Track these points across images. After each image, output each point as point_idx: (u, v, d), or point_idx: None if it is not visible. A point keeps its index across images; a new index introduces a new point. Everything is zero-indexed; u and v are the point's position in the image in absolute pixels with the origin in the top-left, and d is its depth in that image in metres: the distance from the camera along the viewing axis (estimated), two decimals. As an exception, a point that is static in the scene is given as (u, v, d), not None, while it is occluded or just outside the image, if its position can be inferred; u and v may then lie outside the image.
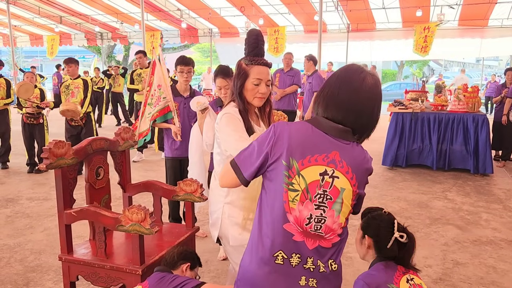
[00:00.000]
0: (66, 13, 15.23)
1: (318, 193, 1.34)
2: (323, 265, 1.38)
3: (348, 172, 1.35)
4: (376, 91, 1.38)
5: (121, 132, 2.69)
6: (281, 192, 1.35)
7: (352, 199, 1.38)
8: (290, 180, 1.34)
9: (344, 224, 1.40)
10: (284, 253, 1.37)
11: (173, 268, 2.03)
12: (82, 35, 17.78)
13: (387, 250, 1.84)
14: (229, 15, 14.38)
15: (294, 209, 1.35)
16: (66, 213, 2.23)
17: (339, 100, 1.36)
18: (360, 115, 1.36)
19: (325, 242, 1.38)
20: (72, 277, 2.29)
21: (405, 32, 14.43)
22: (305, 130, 1.37)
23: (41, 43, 18.52)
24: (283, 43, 15.02)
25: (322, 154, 1.34)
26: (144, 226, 2.07)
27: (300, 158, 1.33)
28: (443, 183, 5.66)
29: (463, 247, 3.62)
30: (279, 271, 1.37)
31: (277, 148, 1.36)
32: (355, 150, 1.38)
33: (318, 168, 1.34)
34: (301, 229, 1.36)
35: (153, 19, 15.10)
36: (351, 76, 1.38)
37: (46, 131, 6.17)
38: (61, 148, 2.20)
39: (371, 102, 1.37)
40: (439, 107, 6.47)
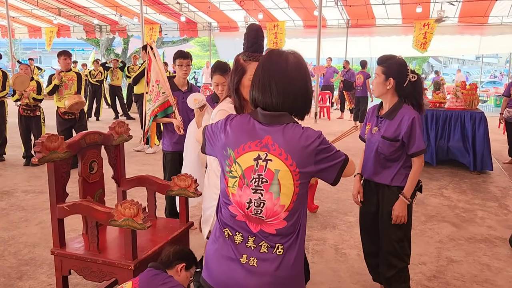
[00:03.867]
0: (65, 5, 15.16)
1: (253, 177, 1.39)
2: (267, 246, 1.41)
3: (281, 154, 1.38)
4: (301, 66, 1.43)
5: (116, 126, 2.67)
6: (224, 178, 1.45)
7: (294, 179, 1.38)
8: (230, 168, 1.43)
9: (290, 207, 1.39)
10: (229, 231, 1.45)
11: (168, 267, 2.01)
12: (81, 28, 17.74)
13: (404, 88, 2.35)
14: (228, 9, 14.34)
15: (235, 194, 1.42)
16: (59, 207, 2.22)
17: (273, 87, 1.41)
18: (296, 94, 1.42)
19: (267, 227, 1.40)
20: (64, 271, 2.29)
21: (405, 28, 14.40)
22: (243, 122, 1.45)
23: (40, 35, 18.48)
24: (283, 38, 15.00)
25: (255, 141, 1.40)
26: (137, 221, 2.06)
27: (236, 147, 1.41)
28: (440, 180, 5.66)
29: (457, 244, 3.62)
30: (225, 247, 1.45)
31: (220, 138, 1.46)
32: (289, 131, 1.40)
33: (252, 154, 1.40)
34: (243, 212, 1.42)
35: (152, 12, 15.04)
36: (274, 61, 1.43)
37: (43, 124, 6.15)
38: (54, 142, 2.19)
39: (301, 78, 1.43)
40: (437, 104, 6.46)
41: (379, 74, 2.38)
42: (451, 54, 27.97)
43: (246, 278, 1.40)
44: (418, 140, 2.35)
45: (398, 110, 2.39)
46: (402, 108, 2.40)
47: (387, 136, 2.40)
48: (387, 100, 2.44)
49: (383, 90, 2.39)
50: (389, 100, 2.43)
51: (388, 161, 2.45)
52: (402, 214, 2.39)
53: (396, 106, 2.41)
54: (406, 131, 2.34)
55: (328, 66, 13.51)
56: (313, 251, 3.43)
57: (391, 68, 2.37)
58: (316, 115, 11.18)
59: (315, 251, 3.43)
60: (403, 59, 2.41)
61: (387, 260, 2.51)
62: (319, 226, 3.96)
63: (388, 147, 2.40)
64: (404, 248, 2.51)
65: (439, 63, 40.92)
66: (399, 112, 2.39)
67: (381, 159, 2.46)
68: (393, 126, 2.39)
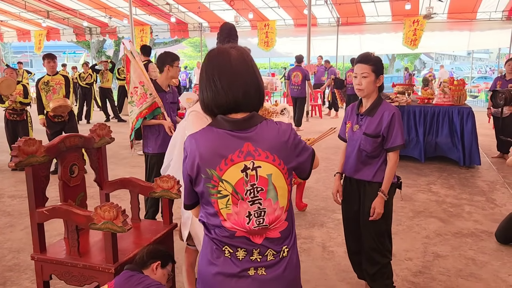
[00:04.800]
0: (54, 8, 15.04)
1: (247, 189, 1.32)
2: (273, 253, 1.38)
3: (268, 157, 1.33)
4: (246, 60, 1.37)
5: (97, 128, 2.66)
6: (210, 203, 1.35)
7: (285, 178, 1.36)
8: (216, 189, 1.33)
9: (287, 206, 1.39)
10: (229, 248, 1.37)
11: (144, 267, 2.01)
12: (71, 30, 17.60)
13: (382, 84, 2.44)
14: (218, 9, 14.30)
15: (230, 213, 1.34)
16: (38, 211, 2.21)
17: (220, 85, 1.34)
18: (245, 88, 1.35)
19: (272, 232, 1.38)
20: (45, 277, 2.27)
21: (395, 25, 14.45)
22: (210, 136, 1.35)
23: (29, 38, 18.29)
24: (273, 37, 15.00)
25: (236, 152, 1.31)
26: (117, 224, 2.05)
27: (216, 164, 1.31)
28: (429, 175, 5.69)
29: (444, 239, 3.64)
30: (228, 266, 1.37)
31: (194, 165, 1.34)
32: (266, 131, 1.35)
33: (237, 166, 1.31)
34: (243, 229, 1.35)
35: (142, 13, 14.97)
36: (218, 60, 1.36)
37: (30, 128, 6.11)
38: (32, 146, 2.17)
39: (247, 72, 1.36)
40: (425, 100, 6.49)
41: (369, 73, 2.37)
42: (441, 50, 28.10)
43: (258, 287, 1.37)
44: (396, 135, 2.37)
45: (379, 106, 2.42)
46: (382, 104, 2.43)
47: (369, 132, 2.41)
48: (370, 98, 2.44)
49: (373, 88, 2.40)
50: (373, 97, 2.44)
51: (369, 158, 2.46)
52: (382, 211, 2.40)
53: (376, 102, 2.43)
54: (386, 125, 2.37)
55: (319, 65, 13.53)
56: (301, 250, 3.43)
57: (378, 65, 2.39)
58: (308, 114, 11.19)
59: (302, 250, 3.43)
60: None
61: (370, 256, 2.52)
62: (307, 225, 3.97)
63: (370, 144, 2.42)
64: (385, 244, 2.53)
65: (431, 59, 41.13)
66: (379, 108, 2.42)
67: (363, 156, 2.47)
68: (374, 123, 2.40)
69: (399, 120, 2.41)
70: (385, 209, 2.43)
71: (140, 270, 2.01)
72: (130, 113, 3.41)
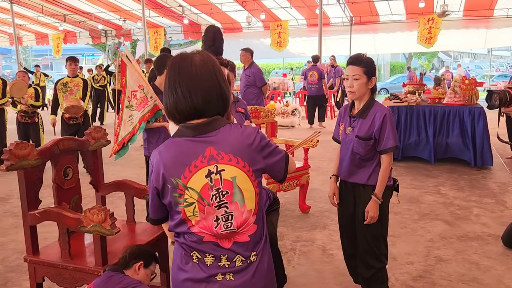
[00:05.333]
0: (70, 12, 15.32)
1: (212, 194, 1.33)
2: (241, 259, 1.37)
3: (231, 159, 1.33)
4: (208, 65, 1.37)
5: (92, 131, 2.68)
6: (177, 212, 1.36)
7: (251, 181, 1.36)
8: (182, 198, 1.33)
9: (256, 209, 1.38)
10: (197, 253, 1.37)
11: (126, 268, 2.01)
12: (87, 33, 17.92)
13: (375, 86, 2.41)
14: (230, 10, 14.34)
15: (199, 220, 1.34)
16: (30, 214, 2.24)
17: (181, 91, 1.34)
18: (207, 93, 1.34)
19: (240, 236, 1.37)
20: (38, 278, 2.30)
21: (409, 24, 14.27)
22: (172, 146, 1.36)
23: (47, 42, 18.69)
24: (286, 37, 14.96)
25: (199, 157, 1.32)
26: (105, 226, 2.07)
27: (180, 173, 1.32)
28: (438, 177, 5.57)
29: (448, 243, 3.56)
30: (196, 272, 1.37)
31: (159, 177, 1.35)
32: (229, 134, 1.35)
33: (201, 172, 1.32)
34: (211, 233, 1.35)
35: (155, 15, 15.14)
36: (179, 66, 1.36)
37: (41, 130, 6.23)
38: (24, 149, 2.20)
39: (209, 77, 1.35)
40: (436, 100, 6.36)
41: (361, 75, 2.31)
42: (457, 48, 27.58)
43: None
44: (388, 137, 2.32)
45: (371, 108, 2.37)
46: (374, 105, 2.38)
47: (361, 135, 2.37)
48: (363, 99, 2.39)
49: (366, 90, 2.35)
50: (365, 99, 2.39)
51: (363, 160, 2.41)
52: (375, 215, 2.35)
53: (368, 104, 2.38)
54: (378, 127, 2.32)
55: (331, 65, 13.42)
56: (300, 252, 3.40)
57: (370, 67, 2.35)
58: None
59: (301, 252, 3.40)
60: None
61: (365, 260, 2.48)
62: (309, 227, 3.93)
63: (363, 147, 2.37)
64: (381, 248, 2.47)
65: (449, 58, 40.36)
66: (371, 110, 2.37)
67: (357, 159, 2.43)
68: (367, 125, 2.35)
69: (392, 121, 2.36)
70: (380, 212, 2.38)
71: (122, 270, 2.01)
72: (129, 117, 3.42)
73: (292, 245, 3.54)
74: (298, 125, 10.02)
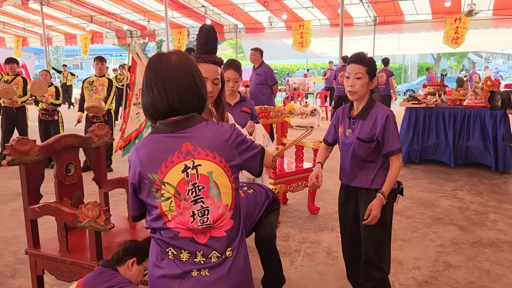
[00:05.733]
0: (96, 12, 15.68)
1: (188, 189, 1.34)
2: (217, 255, 1.38)
3: (207, 155, 1.34)
4: (183, 64, 1.38)
5: (95, 129, 2.73)
6: (155, 207, 1.37)
7: (228, 176, 1.37)
8: (159, 193, 1.35)
9: (232, 205, 1.39)
10: (173, 250, 1.38)
11: (119, 264, 2.02)
12: (113, 34, 18.29)
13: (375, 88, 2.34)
14: (252, 11, 14.36)
15: (175, 215, 1.35)
16: (31, 208, 2.29)
17: (156, 90, 1.36)
18: (183, 93, 1.36)
19: (216, 231, 1.37)
20: (38, 271, 2.36)
21: (435, 23, 13.95)
22: (149, 142, 1.38)
23: (75, 42, 19.19)
24: (308, 37, 14.87)
25: (175, 153, 1.34)
26: (99, 222, 2.09)
27: (157, 168, 1.34)
28: (456, 181, 5.41)
29: (459, 249, 3.44)
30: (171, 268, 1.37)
31: (135, 173, 1.37)
32: (205, 130, 1.37)
33: (177, 167, 1.33)
34: (187, 228, 1.36)
35: (179, 16, 15.30)
36: (156, 66, 1.39)
37: (61, 128, 6.38)
38: (25, 145, 2.25)
39: (185, 75, 1.37)
40: (457, 101, 6.18)
41: (364, 74, 2.23)
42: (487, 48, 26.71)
43: None
44: (393, 139, 2.24)
45: (371, 108, 2.30)
46: (374, 106, 2.31)
47: (362, 137, 2.29)
48: (363, 100, 2.32)
49: (367, 90, 2.28)
50: (365, 100, 2.31)
51: (365, 162, 2.34)
52: (378, 215, 2.26)
53: (369, 104, 2.31)
54: (380, 129, 2.24)
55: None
56: (304, 254, 3.36)
57: (372, 67, 2.28)
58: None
59: (306, 254, 3.36)
60: None
61: (366, 272, 2.39)
62: (317, 228, 3.88)
63: (364, 149, 2.30)
64: (383, 256, 2.37)
65: (480, 59, 39.14)
66: (372, 111, 2.29)
67: (358, 162, 2.34)
68: (368, 126, 2.28)
69: (394, 123, 2.28)
70: (383, 216, 2.27)
71: (115, 266, 2.02)
72: (136, 114, 3.47)
73: (297, 246, 3.50)
74: (317, 126, 9.93)
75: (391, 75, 10.13)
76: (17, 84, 6.42)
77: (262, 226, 2.58)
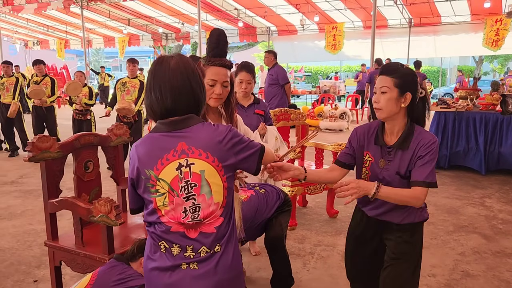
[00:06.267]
0: (133, 16, 16.17)
1: (181, 186, 1.40)
2: (206, 250, 1.43)
3: (201, 154, 1.39)
4: (180, 66, 1.44)
5: (114, 128, 2.84)
6: (150, 201, 1.44)
7: (220, 174, 1.42)
8: (155, 188, 1.42)
9: (224, 203, 1.44)
10: (165, 243, 1.44)
11: (132, 260, 2.11)
12: (149, 36, 18.80)
13: (416, 107, 1.91)
14: (285, 13, 14.38)
15: (168, 210, 1.42)
16: (50, 202, 2.43)
17: (161, 94, 1.42)
18: (177, 95, 1.42)
19: (206, 227, 1.43)
20: (56, 262, 2.49)
21: (474, 25, 13.50)
22: (148, 140, 1.45)
23: (114, 45, 19.86)
24: (341, 40, 14.74)
25: (171, 151, 1.40)
26: (111, 217, 2.19)
27: (153, 165, 1.41)
28: (486, 188, 5.22)
29: (480, 258, 3.33)
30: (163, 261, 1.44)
31: (134, 168, 1.46)
32: (201, 131, 1.42)
33: (172, 165, 1.40)
34: (178, 223, 1.42)
35: (212, 18, 15.53)
36: (157, 69, 1.45)
37: (93, 127, 6.65)
38: (46, 142, 2.39)
39: (181, 79, 1.42)
40: (490, 106, 5.96)
41: (390, 87, 1.84)
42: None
43: (190, 282, 1.43)
44: (434, 170, 1.84)
45: (412, 135, 1.88)
46: (415, 132, 1.89)
47: (403, 172, 1.87)
48: (396, 123, 1.91)
49: (397, 109, 1.86)
50: (398, 122, 1.91)
51: None
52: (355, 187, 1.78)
53: (409, 130, 1.89)
54: (421, 154, 1.84)
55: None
56: (318, 256, 3.35)
57: (406, 79, 1.85)
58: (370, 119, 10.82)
59: (320, 257, 3.35)
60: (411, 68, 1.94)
61: None
62: (333, 232, 3.86)
63: (406, 184, 1.88)
64: None
65: (526, 62, 37.33)
66: (414, 139, 1.87)
67: None
68: (408, 158, 1.86)
69: (437, 153, 1.89)
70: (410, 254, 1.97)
71: (128, 261, 2.11)
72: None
73: (312, 248, 3.50)
74: (346, 129, 9.82)
75: (424, 78, 9.91)
76: (45, 84, 6.78)
77: (272, 226, 2.62)
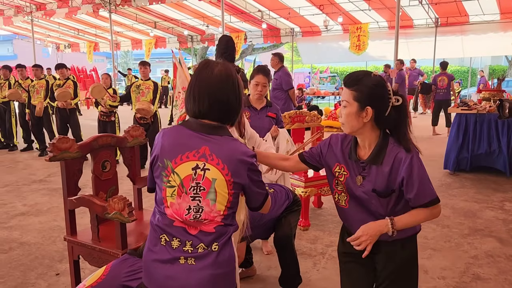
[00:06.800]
0: (160, 19, 16.52)
1: (191, 185, 1.48)
2: (204, 247, 1.50)
3: (219, 164, 1.46)
4: (224, 78, 1.51)
5: (130, 130, 2.98)
6: (161, 189, 1.53)
7: (229, 188, 1.48)
8: (167, 179, 1.50)
9: (225, 212, 1.51)
10: (166, 236, 1.53)
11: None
12: (175, 38, 19.15)
13: (387, 118, 1.67)
14: (308, 14, 14.37)
15: (174, 203, 1.50)
16: (69, 199, 2.58)
17: (199, 96, 1.50)
18: (213, 101, 1.49)
19: (206, 227, 1.51)
20: (74, 256, 2.64)
21: (504, 24, 13.14)
22: (176, 133, 1.53)
23: (141, 47, 20.33)
24: (366, 40, 14.62)
25: (193, 151, 1.48)
26: (124, 214, 2.32)
27: (173, 157, 1.49)
28: (507, 192, 5.12)
29: (493, 261, 3.30)
30: (162, 254, 1.52)
31: (155, 152, 1.54)
32: (226, 144, 1.49)
33: (190, 163, 1.47)
34: (181, 219, 1.50)
35: (236, 21, 15.69)
36: (201, 72, 1.52)
37: (117, 128, 6.88)
38: (65, 143, 2.54)
39: (223, 90, 1.51)
40: (513, 107, 5.83)
41: (349, 101, 1.66)
42: None
43: (187, 276, 1.51)
44: (424, 187, 1.65)
45: (385, 148, 1.69)
46: (389, 145, 1.70)
47: (380, 189, 1.70)
48: (365, 137, 1.72)
49: (358, 124, 1.68)
50: (368, 136, 1.72)
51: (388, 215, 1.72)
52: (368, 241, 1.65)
53: (381, 144, 1.70)
54: (406, 176, 1.64)
55: (412, 68, 12.87)
56: (329, 257, 3.40)
57: (365, 92, 1.64)
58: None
59: (331, 257, 3.40)
60: (380, 77, 1.69)
61: None
62: (346, 233, 3.89)
63: (385, 204, 1.72)
64: None
65: (562, 61, 35.83)
66: (387, 152, 1.69)
67: (378, 216, 1.73)
68: (384, 173, 1.68)
69: (421, 165, 1.67)
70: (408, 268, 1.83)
71: (140, 256, 2.23)
72: (174, 115, 3.72)
73: (324, 249, 3.55)
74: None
75: (452, 79, 9.71)
76: (68, 87, 7.06)
77: (281, 225, 2.70)
